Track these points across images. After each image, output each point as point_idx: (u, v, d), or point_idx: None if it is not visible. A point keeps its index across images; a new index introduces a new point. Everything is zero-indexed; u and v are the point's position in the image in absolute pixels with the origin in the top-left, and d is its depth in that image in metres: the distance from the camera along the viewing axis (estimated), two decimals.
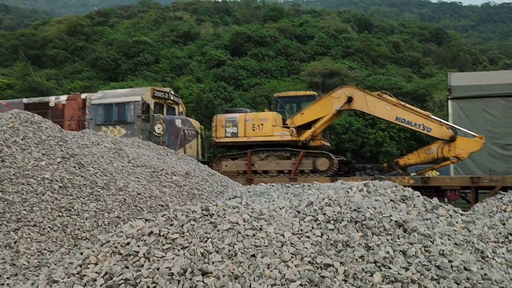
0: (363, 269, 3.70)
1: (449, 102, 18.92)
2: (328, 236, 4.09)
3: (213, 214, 4.32)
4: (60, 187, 7.61)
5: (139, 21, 67.70)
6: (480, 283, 4.05)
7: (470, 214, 6.38)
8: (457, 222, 5.83)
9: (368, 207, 4.56)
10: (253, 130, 15.38)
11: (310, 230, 4.18)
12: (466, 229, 5.72)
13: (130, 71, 59.26)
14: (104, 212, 7.56)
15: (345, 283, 3.54)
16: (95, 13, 72.82)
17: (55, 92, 44.68)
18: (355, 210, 4.44)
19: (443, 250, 4.22)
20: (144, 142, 12.85)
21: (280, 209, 4.64)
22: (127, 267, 3.74)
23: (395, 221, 4.42)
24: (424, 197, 6.30)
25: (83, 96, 16.93)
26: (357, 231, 4.15)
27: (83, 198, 7.64)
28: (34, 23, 70.77)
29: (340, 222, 4.28)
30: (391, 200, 5.76)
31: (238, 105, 46.47)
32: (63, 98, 17.21)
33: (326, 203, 4.64)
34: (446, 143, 14.70)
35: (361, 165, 16.38)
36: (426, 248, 4.17)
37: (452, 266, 4.08)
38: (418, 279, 3.77)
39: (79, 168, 8.20)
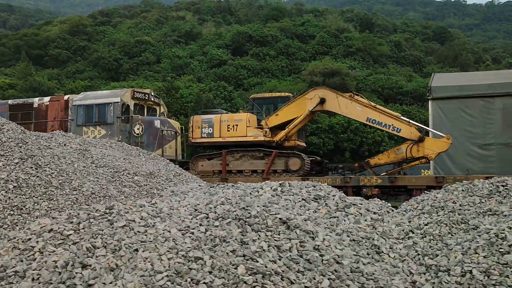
0: (230, 262, 4.11)
1: (429, 102, 19.18)
2: (211, 232, 4.51)
3: (112, 212, 4.76)
4: (14, 187, 8.07)
5: (142, 21, 68.32)
6: (348, 275, 4.44)
7: (386, 212, 6.76)
8: (365, 220, 6.23)
9: (258, 206, 4.97)
10: (228, 130, 15.81)
11: (197, 227, 4.60)
12: (372, 226, 6.12)
13: (131, 71, 59.85)
14: (55, 210, 8.00)
15: (210, 274, 3.95)
16: (97, 13, 73.58)
17: (57, 91, 45.37)
18: (243, 208, 4.85)
19: (318, 245, 4.62)
20: (117, 143, 13.31)
21: (182, 207, 5.07)
22: (21, 261, 4.18)
23: (280, 219, 4.82)
24: (341, 195, 6.70)
25: (66, 97, 17.43)
26: (238, 228, 4.56)
27: (36, 197, 8.09)
28: (38, 23, 71.64)
29: (226, 219, 4.69)
30: (303, 199, 6.17)
31: (238, 104, 46.94)
32: (46, 99, 17.73)
33: (221, 202, 5.05)
34: (415, 143, 15.04)
35: (333, 165, 16.77)
36: (301, 244, 4.57)
37: (322, 260, 4.48)
38: (283, 271, 4.17)
39: (36, 169, 8.66)
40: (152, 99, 17.65)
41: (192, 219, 4.76)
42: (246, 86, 58.65)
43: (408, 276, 5.12)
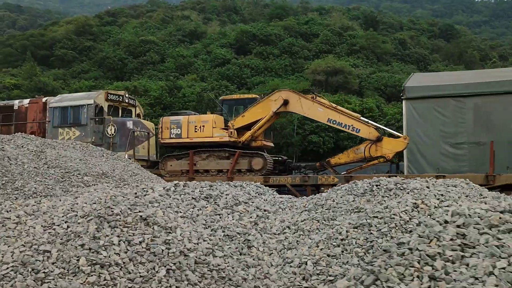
0: (75, 255, 4.74)
1: (403, 102, 19.54)
2: (71, 228, 5.15)
3: None
4: None
5: (147, 21, 69.22)
6: (190, 265, 5.05)
7: (278, 209, 7.33)
8: (250, 217, 6.82)
9: (123, 205, 5.59)
10: (195, 131, 16.44)
11: (62, 224, 5.25)
12: (254, 222, 6.72)
13: (136, 70, 60.75)
14: None
15: (52, 264, 4.59)
16: (104, 13, 74.71)
17: (61, 92, 46.40)
18: (108, 207, 5.47)
19: (169, 240, 5.23)
20: (82, 144, 14.01)
21: (61, 206, 5.71)
22: None
23: (140, 216, 5.44)
24: (235, 195, 7.29)
25: (44, 99, 18.20)
26: (95, 224, 5.18)
27: None
28: (45, 24, 73.01)
29: (89, 217, 5.32)
30: (193, 198, 6.78)
31: None
32: (26, 101, 18.54)
33: (96, 201, 5.69)
34: (373, 143, 15.51)
35: (296, 164, 17.30)
36: (153, 238, 5.18)
37: (168, 252, 5.09)
38: (124, 262, 4.79)
39: None
40: (127, 101, 18.35)
41: (62, 216, 5.40)
42: (249, 85, 59.23)
43: (269, 267, 5.71)
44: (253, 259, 5.85)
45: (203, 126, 16.39)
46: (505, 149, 16.28)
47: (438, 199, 5.76)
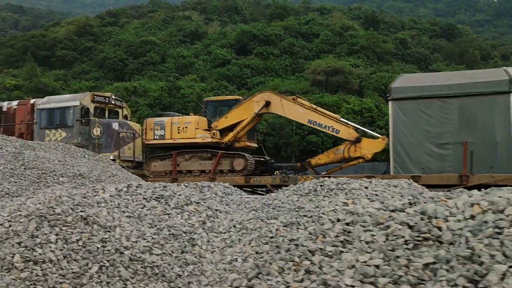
0: (10, 252, 5.02)
1: (389, 103, 19.70)
2: (13, 227, 5.44)
3: None
4: None
5: (148, 21, 69.66)
6: (124, 262, 5.32)
7: (230, 209, 7.59)
8: (200, 216, 7.10)
9: (66, 205, 5.87)
10: (179, 132, 16.70)
11: (4, 223, 5.54)
12: (202, 222, 6.99)
13: (136, 71, 61.21)
14: None
15: None
16: (105, 13, 75.23)
17: (62, 92, 46.86)
18: (51, 207, 5.76)
19: (106, 238, 5.51)
20: (64, 145, 14.32)
21: (8, 207, 6.01)
22: None
23: (81, 216, 5.72)
24: (188, 195, 7.56)
25: (32, 101, 18.54)
26: (35, 223, 5.47)
27: None
28: (47, 24, 73.63)
29: (30, 217, 5.60)
30: (144, 199, 7.06)
31: None
32: (15, 103, 18.89)
33: (41, 201, 5.98)
34: (352, 144, 15.72)
35: (278, 165, 17.54)
36: (90, 237, 5.46)
37: (104, 250, 5.37)
38: (58, 259, 5.08)
39: None
40: (113, 102, 18.66)
41: (7, 216, 5.69)
42: (250, 85, 59.51)
43: (208, 264, 5.97)
44: (195, 257, 6.11)
45: (186, 127, 16.66)
46: (489, 150, 16.33)
47: (369, 198, 6.00)
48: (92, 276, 5.02)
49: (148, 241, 5.92)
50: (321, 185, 7.13)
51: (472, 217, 3.43)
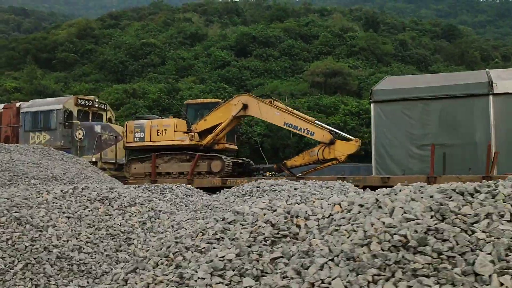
0: None
1: (371, 105, 19.98)
2: None
3: None
4: None
5: (149, 23, 70.17)
6: (50, 259, 5.69)
7: (175, 211, 7.95)
8: (141, 217, 7.46)
9: (4, 206, 6.26)
10: (158, 135, 17.08)
11: None
12: (143, 222, 7.35)
13: (137, 73, 61.71)
14: None
15: None
16: (106, 16, 75.84)
17: (62, 94, 47.41)
18: None
19: (35, 237, 5.88)
20: (42, 148, 14.74)
21: None
22: None
23: (15, 216, 6.11)
24: (133, 196, 7.92)
25: (18, 104, 19.00)
26: None
27: None
28: (48, 27, 74.37)
29: None
30: (88, 200, 7.43)
31: None
32: (1, 106, 19.35)
33: None
34: (326, 146, 16.05)
35: (255, 167, 17.87)
36: (20, 236, 5.84)
37: (32, 248, 5.75)
38: None
39: None
40: (97, 106, 19.09)
41: None
42: (249, 87, 59.81)
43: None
44: (128, 255, 6.47)
45: (165, 130, 17.02)
46: (469, 151, 16.51)
47: (286, 200, 6.33)
48: (16, 273, 5.39)
49: (81, 240, 6.29)
50: (257, 187, 7.47)
51: (330, 215, 3.76)
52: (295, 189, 7.27)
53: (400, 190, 3.69)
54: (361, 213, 3.46)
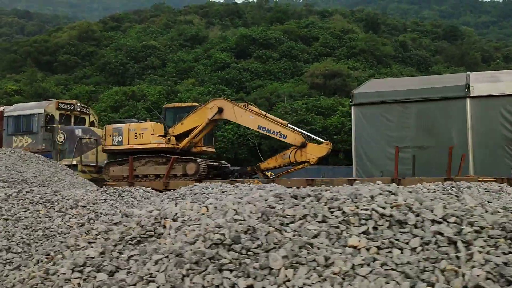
0: None
1: (352, 108, 20.35)
2: None
3: None
4: None
5: (150, 26, 70.80)
6: None
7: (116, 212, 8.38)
8: (81, 219, 7.89)
9: None
10: (135, 138, 17.52)
11: None
12: (81, 224, 7.78)
13: (137, 75, 62.30)
14: None
15: None
16: (108, 18, 76.59)
17: (62, 97, 48.09)
18: None
19: None
20: (20, 151, 15.25)
21: None
22: None
23: None
24: (77, 199, 8.35)
25: (1, 108, 19.54)
26: None
27: None
28: (50, 29, 75.25)
29: None
30: (30, 203, 7.88)
31: None
32: None
33: None
34: (298, 148, 16.41)
35: (230, 169, 18.26)
36: None
37: None
38: None
39: None
40: (79, 109, 19.59)
41: None
42: (248, 88, 60.20)
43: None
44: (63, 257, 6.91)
45: (142, 133, 17.46)
46: (446, 153, 16.63)
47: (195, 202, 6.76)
48: None
49: (12, 241, 6.73)
50: (190, 190, 7.88)
51: (196, 218, 4.17)
52: (223, 192, 7.67)
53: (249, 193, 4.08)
54: (211, 214, 3.86)
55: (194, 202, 4.38)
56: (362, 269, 2.98)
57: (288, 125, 17.11)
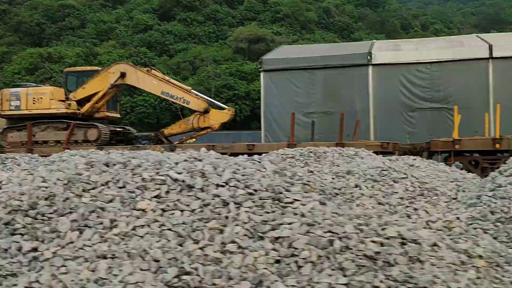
0: None
1: (261, 74, 20.53)
2: None
3: None
4: None
5: None
6: None
7: None
8: None
9: None
10: (34, 103, 17.02)
11: None
12: None
13: (55, 36, 59.79)
14: None
15: None
16: None
17: None
18: None
19: None
20: None
21: None
22: None
23: None
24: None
25: None
26: None
27: None
28: None
29: None
30: None
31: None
32: None
33: None
34: (201, 114, 16.56)
35: (134, 135, 18.20)
36: None
37: None
38: None
39: None
40: None
41: None
42: (172, 52, 59.26)
43: None
44: None
45: (41, 98, 16.98)
46: (351, 119, 17.12)
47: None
48: None
49: None
50: (60, 156, 7.91)
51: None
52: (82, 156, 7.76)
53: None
54: (22, 182, 3.99)
55: (24, 169, 4.46)
56: (141, 229, 3.23)
57: (192, 90, 17.18)
